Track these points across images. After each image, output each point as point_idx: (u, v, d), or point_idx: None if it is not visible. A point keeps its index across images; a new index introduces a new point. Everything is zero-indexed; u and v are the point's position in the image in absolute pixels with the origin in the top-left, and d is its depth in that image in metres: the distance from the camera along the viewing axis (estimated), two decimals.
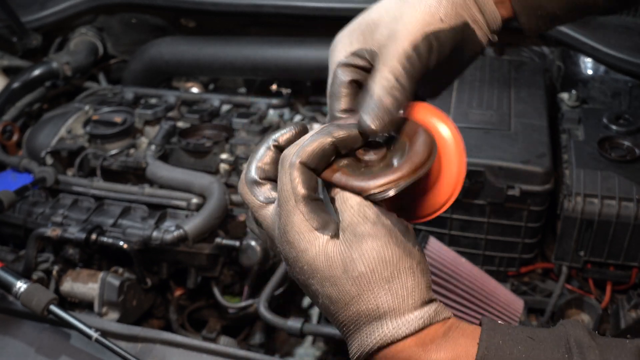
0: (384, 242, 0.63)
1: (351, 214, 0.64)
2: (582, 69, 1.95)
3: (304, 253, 0.65)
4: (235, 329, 1.81)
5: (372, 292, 0.63)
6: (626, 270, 1.55)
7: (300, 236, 0.65)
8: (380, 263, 0.63)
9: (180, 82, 2.48)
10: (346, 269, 0.63)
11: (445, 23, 0.72)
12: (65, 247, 1.66)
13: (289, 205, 0.65)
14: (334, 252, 0.64)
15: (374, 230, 0.64)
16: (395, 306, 0.63)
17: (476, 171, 1.53)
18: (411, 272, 0.64)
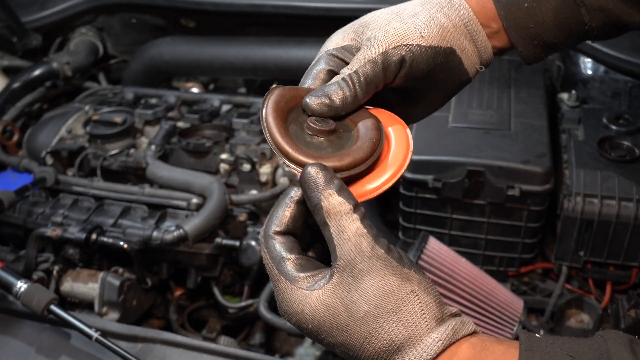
0: (381, 275, 0.63)
1: (348, 249, 0.64)
2: (582, 69, 1.95)
3: (301, 315, 0.65)
4: (235, 329, 1.81)
5: (383, 327, 0.63)
6: (626, 270, 1.55)
7: (291, 301, 0.66)
8: (383, 297, 0.63)
9: (180, 82, 2.48)
10: (350, 312, 0.63)
11: (424, 40, 0.75)
12: (65, 247, 1.66)
13: (273, 275, 0.67)
14: (333, 299, 0.64)
15: (370, 265, 0.63)
16: (410, 334, 0.62)
17: (476, 171, 1.53)
18: (414, 295, 0.63)
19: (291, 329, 1.50)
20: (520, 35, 0.79)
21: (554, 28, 0.79)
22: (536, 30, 0.79)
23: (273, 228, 0.69)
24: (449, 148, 1.59)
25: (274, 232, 0.69)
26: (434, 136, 1.64)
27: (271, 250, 0.68)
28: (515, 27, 0.78)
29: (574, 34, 0.80)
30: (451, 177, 1.56)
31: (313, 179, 0.66)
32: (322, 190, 0.65)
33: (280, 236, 0.69)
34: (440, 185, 1.56)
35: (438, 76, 0.78)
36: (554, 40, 0.80)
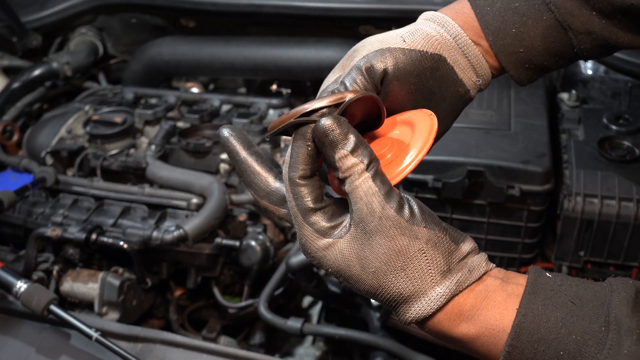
0: (391, 235, 0.66)
1: (360, 207, 0.67)
2: (582, 69, 1.95)
3: (323, 259, 0.70)
4: (235, 329, 1.81)
5: (392, 282, 0.67)
6: (626, 270, 1.55)
7: (315, 247, 0.70)
8: (392, 255, 0.66)
9: (180, 82, 2.48)
10: (363, 266, 0.68)
11: (407, 44, 0.76)
12: (65, 247, 1.66)
13: (297, 221, 0.70)
14: (349, 252, 0.68)
15: (380, 225, 0.66)
16: (416, 288, 0.67)
17: (476, 171, 1.53)
18: (421, 253, 0.66)
19: (291, 329, 1.50)
20: (510, 60, 0.80)
21: (543, 52, 0.79)
22: (526, 54, 0.79)
23: (298, 172, 0.69)
24: (449, 148, 1.59)
25: (299, 177, 0.69)
26: None
27: (297, 197, 0.70)
28: (504, 52, 0.79)
29: (565, 56, 0.80)
30: (451, 177, 1.55)
31: (329, 137, 0.67)
32: (337, 150, 0.67)
33: (305, 180, 0.70)
34: (440, 185, 1.56)
35: (430, 84, 0.78)
36: (545, 63, 0.80)
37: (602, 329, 0.61)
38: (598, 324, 0.62)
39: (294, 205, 0.70)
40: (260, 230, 1.73)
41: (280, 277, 1.66)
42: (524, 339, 0.63)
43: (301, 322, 1.49)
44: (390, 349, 1.40)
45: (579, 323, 0.62)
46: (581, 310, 0.63)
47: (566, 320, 0.62)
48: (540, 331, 0.62)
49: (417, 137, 0.74)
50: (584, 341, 0.61)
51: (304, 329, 1.49)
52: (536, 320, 0.63)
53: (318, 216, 0.69)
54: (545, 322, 0.63)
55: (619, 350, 0.59)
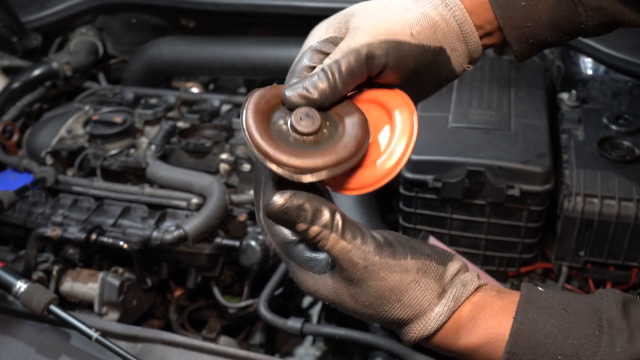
0: (381, 278, 0.66)
1: (341, 265, 0.66)
2: (582, 69, 1.95)
3: (316, 293, 0.70)
4: (235, 329, 1.81)
5: (389, 311, 0.68)
6: (626, 270, 1.55)
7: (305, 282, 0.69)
8: (385, 292, 0.67)
9: (180, 82, 2.48)
10: (357, 301, 0.68)
11: (414, 39, 0.72)
12: (65, 247, 1.66)
13: (282, 257, 0.71)
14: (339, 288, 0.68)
15: (366, 272, 0.66)
16: (414, 313, 0.68)
17: (476, 171, 1.53)
18: (414, 283, 0.67)
19: (291, 329, 1.50)
20: (516, 34, 0.79)
21: (549, 27, 0.79)
22: (532, 29, 0.79)
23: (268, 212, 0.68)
24: (449, 148, 1.59)
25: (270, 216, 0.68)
26: (434, 136, 1.64)
27: (275, 235, 0.70)
28: (511, 27, 0.78)
29: (569, 32, 0.80)
30: (451, 177, 1.55)
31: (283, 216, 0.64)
32: (296, 226, 0.65)
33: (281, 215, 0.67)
34: (440, 185, 1.56)
35: (424, 74, 0.77)
36: (549, 38, 0.80)
37: (596, 333, 0.63)
38: (592, 328, 0.63)
39: (274, 243, 0.70)
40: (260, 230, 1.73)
41: (280, 277, 1.66)
42: (522, 345, 0.64)
43: (301, 322, 1.49)
44: (390, 349, 1.40)
45: (574, 328, 0.63)
46: (575, 317, 0.64)
47: (561, 326, 0.64)
48: (537, 337, 0.64)
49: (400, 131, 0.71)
50: (580, 345, 0.62)
51: (304, 329, 1.48)
52: (533, 327, 0.64)
53: (301, 248, 0.69)
54: (542, 328, 0.64)
55: (613, 349, 0.61)
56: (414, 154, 1.59)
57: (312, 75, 0.70)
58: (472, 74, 1.88)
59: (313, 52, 0.74)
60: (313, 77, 0.69)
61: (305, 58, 0.73)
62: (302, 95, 0.69)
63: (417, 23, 0.73)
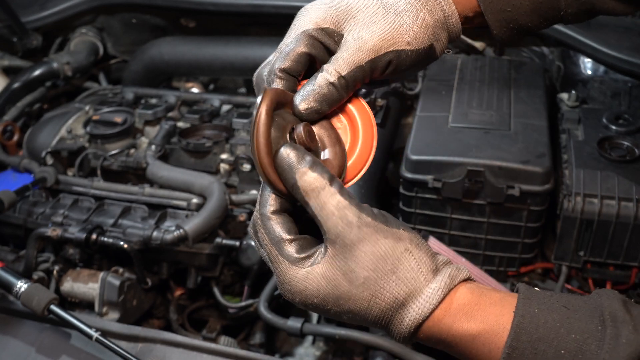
0: (373, 240, 0.66)
1: (335, 223, 0.66)
2: (581, 69, 1.95)
3: (305, 292, 0.68)
4: (235, 329, 1.81)
5: (384, 288, 0.65)
6: (626, 270, 1.55)
7: (294, 280, 0.68)
8: (379, 261, 0.65)
9: (180, 82, 2.48)
10: (351, 280, 0.66)
11: (411, 46, 0.75)
12: (65, 247, 1.66)
13: (272, 257, 0.69)
14: (332, 271, 0.66)
15: (361, 233, 0.66)
16: (410, 289, 0.66)
17: (476, 171, 1.53)
18: (408, 252, 0.66)
19: (291, 329, 1.50)
20: (496, 18, 0.80)
21: (530, 12, 0.80)
22: (512, 13, 0.80)
23: (269, 208, 0.70)
24: (449, 148, 1.59)
25: (271, 212, 0.70)
26: (434, 136, 1.65)
27: (270, 231, 0.69)
28: (492, 11, 0.80)
29: (549, 18, 0.82)
30: (451, 177, 1.56)
31: (286, 161, 0.67)
32: (295, 170, 0.67)
33: (277, 215, 0.70)
34: (440, 185, 1.56)
35: (414, 67, 0.80)
36: (529, 23, 0.82)
37: (598, 328, 0.62)
38: (594, 324, 0.62)
39: (267, 240, 0.69)
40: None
41: None
42: (524, 339, 0.62)
43: (301, 322, 1.49)
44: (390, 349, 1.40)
45: (576, 324, 0.63)
46: (576, 314, 0.64)
47: (563, 321, 0.63)
48: (540, 331, 0.62)
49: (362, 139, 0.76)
50: (583, 340, 0.62)
51: (304, 328, 1.49)
52: (534, 321, 0.63)
53: (292, 247, 0.68)
54: (544, 322, 0.63)
55: (618, 340, 0.60)
56: (414, 154, 1.59)
57: (322, 87, 0.73)
58: (472, 74, 1.89)
59: (309, 37, 0.75)
60: (323, 89, 0.73)
61: (302, 43, 0.75)
62: (313, 110, 0.73)
63: (412, 27, 0.76)
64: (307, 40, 0.75)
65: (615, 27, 1.88)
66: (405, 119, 2.02)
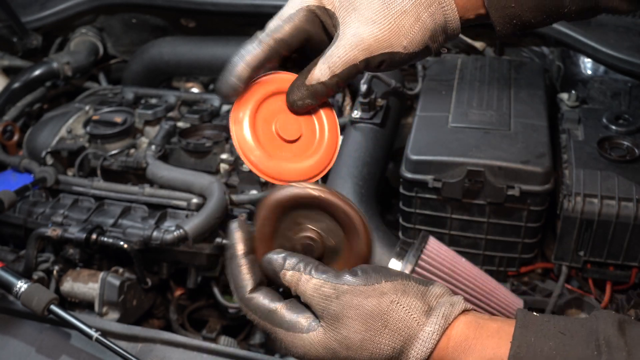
0: (356, 304, 0.67)
1: (317, 302, 0.69)
2: (582, 69, 1.95)
3: (306, 356, 0.71)
4: (235, 329, 1.81)
5: (381, 343, 0.67)
6: (626, 270, 1.55)
7: (294, 346, 0.71)
8: (368, 321, 0.67)
9: (180, 82, 2.48)
10: (348, 347, 0.68)
11: (406, 50, 0.76)
12: (65, 247, 1.66)
13: (268, 330, 0.72)
14: (329, 342, 0.69)
15: (341, 303, 0.68)
16: (405, 336, 0.67)
17: (476, 171, 1.53)
18: (394, 304, 0.67)
19: None
20: (500, 14, 0.80)
21: (533, 9, 0.80)
22: (516, 9, 0.80)
23: (246, 289, 0.73)
24: (449, 148, 1.59)
25: (249, 292, 0.73)
26: (434, 136, 1.65)
27: (256, 309, 0.72)
28: (495, 7, 0.79)
29: (552, 14, 0.81)
30: (451, 177, 1.56)
31: (269, 269, 0.73)
32: (278, 275, 0.72)
33: (256, 292, 0.73)
34: (440, 185, 1.56)
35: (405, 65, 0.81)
36: (532, 20, 0.81)
37: (594, 354, 0.62)
38: (590, 349, 0.63)
39: (257, 319, 0.72)
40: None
41: None
42: None
43: None
44: None
45: (572, 351, 0.63)
46: (572, 340, 0.64)
47: (559, 349, 0.63)
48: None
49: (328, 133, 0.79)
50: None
51: None
52: (531, 351, 0.64)
53: (283, 313, 0.71)
54: (540, 351, 0.63)
55: None
56: (414, 154, 1.59)
57: (314, 86, 0.75)
58: (472, 74, 1.89)
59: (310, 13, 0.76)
60: (316, 87, 0.75)
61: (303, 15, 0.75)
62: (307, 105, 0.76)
63: (410, 31, 0.76)
64: (307, 14, 0.76)
65: (615, 27, 1.88)
66: (405, 119, 2.01)
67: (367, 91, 1.78)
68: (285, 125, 0.77)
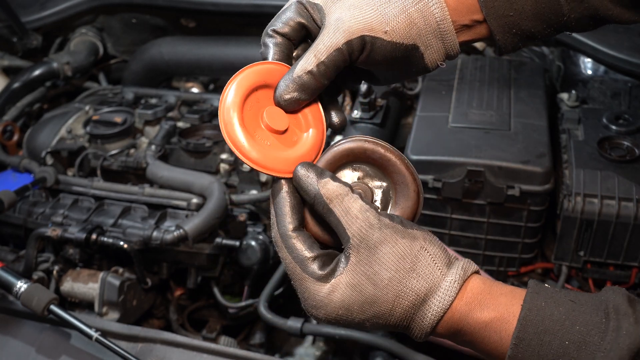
0: (393, 241, 0.69)
1: (359, 226, 0.69)
2: (582, 69, 1.95)
3: (330, 305, 0.70)
4: (235, 329, 1.81)
5: (406, 286, 0.69)
6: (626, 270, 1.55)
7: (319, 295, 0.70)
8: (400, 260, 0.69)
9: (180, 82, 2.48)
10: (375, 283, 0.69)
11: (387, 35, 0.75)
12: (65, 247, 1.66)
13: (296, 274, 0.71)
14: (357, 277, 0.69)
15: (382, 235, 0.69)
16: (429, 284, 0.69)
17: (476, 171, 1.53)
18: (423, 250, 0.70)
19: (291, 329, 1.50)
20: (499, 23, 0.79)
21: (532, 17, 0.79)
22: (515, 18, 0.79)
23: (288, 226, 0.72)
24: (449, 148, 1.59)
25: (291, 230, 0.72)
26: (434, 136, 1.65)
27: (292, 250, 0.71)
28: (494, 15, 0.79)
29: (553, 24, 0.81)
30: (451, 177, 1.56)
31: (306, 175, 0.71)
32: (318, 181, 0.71)
33: (297, 232, 0.72)
34: (440, 185, 1.56)
35: (396, 66, 0.80)
36: (532, 29, 0.80)
37: (602, 320, 0.65)
38: (599, 316, 0.65)
39: (290, 259, 0.71)
40: (260, 230, 1.73)
41: (280, 277, 1.66)
42: (530, 330, 0.66)
43: (301, 322, 1.49)
44: (390, 349, 1.40)
45: (581, 317, 0.65)
46: (582, 307, 0.66)
47: (569, 314, 0.66)
48: (545, 323, 0.65)
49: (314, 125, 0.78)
50: (587, 331, 0.64)
51: (304, 328, 1.49)
52: (541, 314, 0.66)
53: (315, 264, 0.71)
54: (550, 315, 0.66)
55: (619, 332, 0.63)
56: (414, 154, 1.59)
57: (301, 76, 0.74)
58: (472, 74, 1.89)
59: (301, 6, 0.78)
60: (303, 78, 0.74)
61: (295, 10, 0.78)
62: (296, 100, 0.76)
63: (394, 19, 0.75)
64: (298, 8, 0.78)
65: (615, 27, 1.88)
66: (405, 119, 2.02)
67: (367, 91, 1.78)
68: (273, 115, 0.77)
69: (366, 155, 0.76)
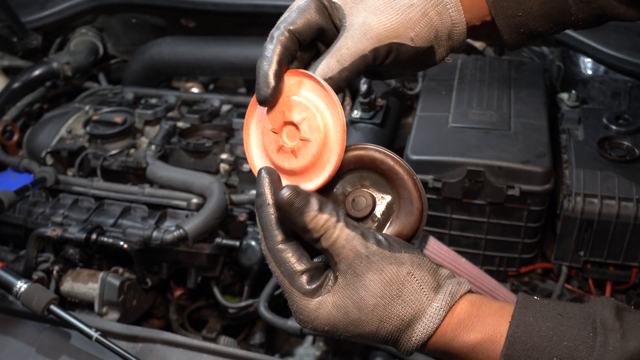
0: (380, 268, 0.69)
1: (346, 255, 0.69)
2: (582, 69, 1.95)
3: (317, 320, 0.71)
4: (235, 329, 1.81)
5: (391, 312, 0.69)
6: (626, 270, 1.55)
7: (307, 310, 0.71)
8: (385, 287, 0.69)
9: (180, 82, 2.48)
10: (360, 308, 0.69)
11: (414, 42, 0.75)
12: (65, 247, 1.66)
13: (285, 288, 0.71)
14: (343, 300, 0.70)
15: (369, 263, 0.69)
16: (415, 310, 0.69)
17: (476, 171, 1.53)
18: (410, 275, 0.69)
19: (291, 329, 1.50)
20: (507, 23, 0.80)
21: (540, 17, 0.80)
22: (523, 19, 0.79)
23: (276, 240, 0.71)
24: (449, 148, 1.59)
25: (279, 244, 0.71)
26: (434, 136, 1.65)
27: (282, 263, 0.71)
28: (502, 16, 0.79)
29: (559, 23, 0.81)
30: (451, 177, 1.56)
31: (292, 205, 0.68)
32: (305, 214, 0.68)
33: (285, 244, 0.71)
34: (441, 185, 1.56)
35: (409, 66, 0.80)
36: (540, 29, 0.81)
37: (590, 335, 0.64)
38: (586, 331, 0.65)
39: (279, 273, 0.71)
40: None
41: None
42: (518, 347, 0.66)
43: None
44: (390, 349, 1.40)
45: (569, 331, 0.65)
46: (569, 321, 0.66)
47: (557, 329, 0.66)
48: (533, 339, 0.65)
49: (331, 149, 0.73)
50: (574, 346, 0.64)
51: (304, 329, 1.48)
52: (529, 330, 0.66)
53: (304, 278, 0.71)
54: (537, 331, 0.66)
55: (606, 348, 0.63)
56: (415, 154, 1.59)
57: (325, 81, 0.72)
58: (472, 74, 1.89)
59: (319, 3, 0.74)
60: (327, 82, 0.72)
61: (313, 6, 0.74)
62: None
63: (417, 24, 0.75)
64: (317, 5, 0.74)
65: (615, 27, 1.88)
66: (405, 119, 2.02)
67: (367, 91, 1.78)
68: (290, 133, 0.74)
69: (375, 165, 0.76)
